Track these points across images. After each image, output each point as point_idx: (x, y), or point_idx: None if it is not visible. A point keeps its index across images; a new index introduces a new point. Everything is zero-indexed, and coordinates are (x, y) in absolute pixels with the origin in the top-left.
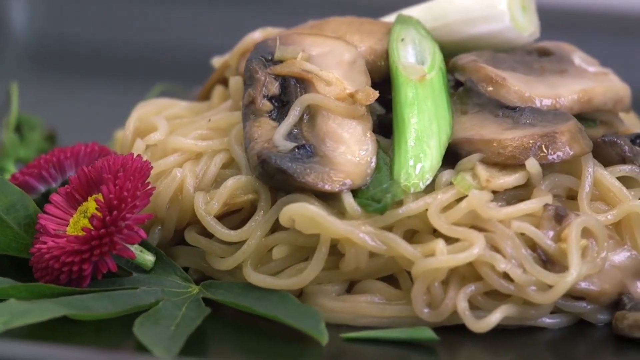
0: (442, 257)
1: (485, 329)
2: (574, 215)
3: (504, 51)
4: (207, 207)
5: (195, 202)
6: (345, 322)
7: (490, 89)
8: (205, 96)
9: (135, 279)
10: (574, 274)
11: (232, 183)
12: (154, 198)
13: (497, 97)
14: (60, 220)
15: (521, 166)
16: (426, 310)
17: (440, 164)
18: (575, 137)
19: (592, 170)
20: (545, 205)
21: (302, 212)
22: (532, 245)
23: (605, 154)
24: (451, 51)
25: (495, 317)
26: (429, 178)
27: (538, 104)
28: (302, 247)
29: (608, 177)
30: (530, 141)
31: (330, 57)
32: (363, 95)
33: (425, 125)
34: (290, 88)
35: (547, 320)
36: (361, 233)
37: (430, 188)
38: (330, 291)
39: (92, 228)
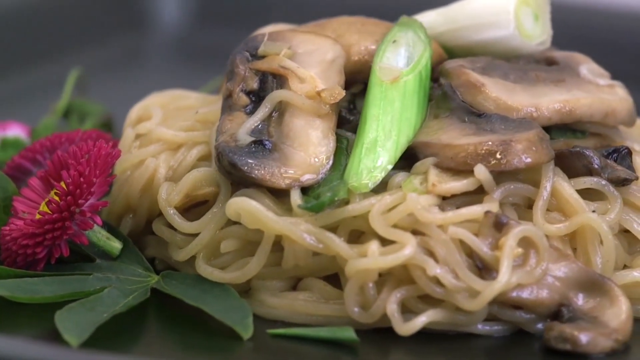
0: (371, 258)
1: (410, 332)
2: (515, 224)
3: (507, 58)
4: (168, 198)
5: (158, 192)
6: (283, 319)
7: (468, 94)
8: None
9: (97, 266)
10: (502, 281)
11: (194, 175)
12: (127, 187)
13: (473, 103)
14: (33, 203)
15: (473, 172)
16: (356, 309)
17: (391, 166)
18: (533, 146)
19: (551, 181)
20: (486, 212)
21: (243, 206)
22: (471, 252)
23: (572, 165)
24: (460, 55)
25: (420, 321)
26: (378, 179)
27: (514, 113)
28: (253, 242)
29: (567, 188)
30: (484, 148)
31: (314, 56)
32: (327, 94)
33: (385, 127)
34: (268, 84)
35: (483, 328)
36: (299, 230)
37: (384, 189)
38: (273, 287)
39: (49, 212)
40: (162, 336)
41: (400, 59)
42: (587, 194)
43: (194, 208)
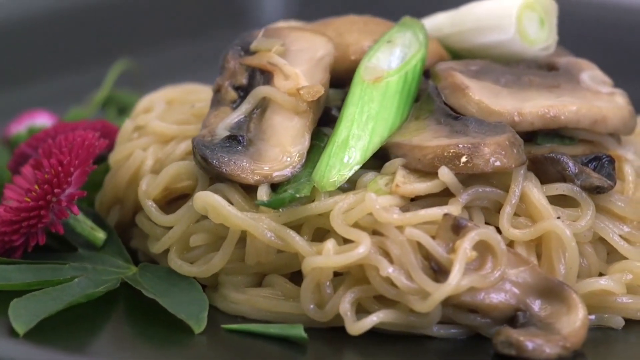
0: (326, 256)
1: (360, 331)
2: (473, 227)
3: (507, 62)
4: (147, 190)
5: (139, 184)
6: (244, 314)
7: (453, 96)
8: None
9: (79, 255)
10: (451, 284)
11: (174, 169)
12: (115, 178)
13: (457, 106)
14: (22, 191)
15: None
16: (312, 307)
17: (359, 166)
18: (502, 150)
19: (520, 185)
20: (445, 215)
21: (207, 200)
22: (429, 254)
23: (546, 171)
24: (465, 58)
25: (370, 320)
26: (344, 178)
27: (496, 117)
28: (222, 237)
29: (536, 193)
30: (451, 150)
31: (305, 53)
32: (306, 91)
33: (359, 126)
34: (256, 80)
35: (438, 330)
36: (260, 226)
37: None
38: (238, 282)
39: (28, 200)
40: (120, 327)
41: (393, 59)
42: (564, 201)
43: (177, 201)
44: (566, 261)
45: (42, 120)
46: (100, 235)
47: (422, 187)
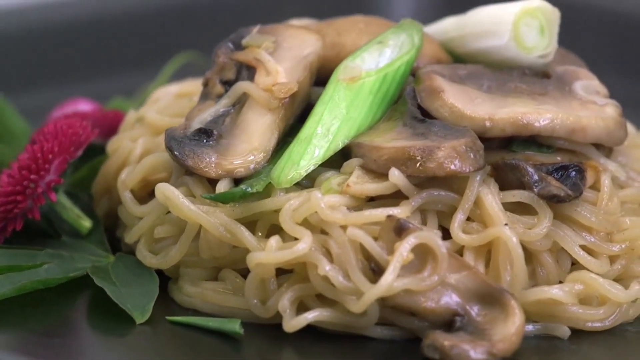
0: (268, 252)
1: (294, 328)
2: (415, 230)
3: (503, 67)
4: (125, 180)
5: (120, 174)
6: (195, 307)
7: (428, 99)
8: None
9: (62, 242)
10: (382, 285)
11: (151, 160)
12: (106, 167)
13: (431, 109)
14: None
15: None
16: (256, 302)
17: (316, 165)
18: (457, 155)
19: (475, 190)
20: (388, 216)
21: (164, 191)
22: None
23: (507, 178)
24: (466, 61)
25: (304, 318)
26: (300, 176)
27: (467, 121)
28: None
29: (490, 199)
30: (406, 152)
31: (292, 50)
32: (278, 88)
33: (325, 125)
34: (242, 75)
35: (380, 332)
36: (212, 220)
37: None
38: (194, 275)
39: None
40: (74, 314)
41: (382, 60)
42: (526, 209)
43: None
44: (512, 268)
45: (85, 107)
46: (85, 223)
47: (373, 187)
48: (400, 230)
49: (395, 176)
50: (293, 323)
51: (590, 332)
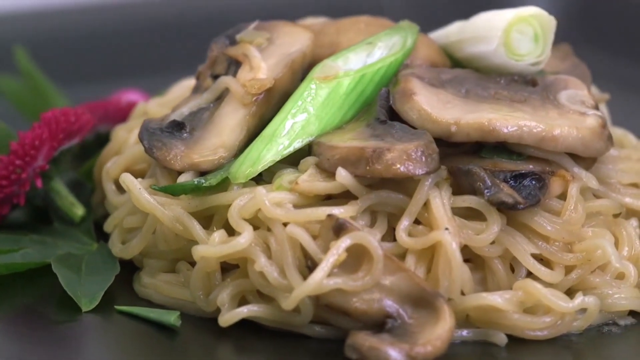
0: (210, 245)
1: (227, 322)
2: (352, 230)
3: (495, 73)
4: (109, 170)
5: (106, 164)
6: (149, 298)
7: (400, 101)
8: None
9: (52, 229)
10: (310, 283)
11: (133, 151)
12: (102, 157)
13: (401, 111)
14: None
15: None
16: (200, 295)
17: (274, 162)
18: (407, 157)
19: (424, 194)
20: (328, 215)
21: (124, 181)
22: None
23: (461, 183)
24: (464, 66)
25: (236, 312)
26: (256, 172)
27: (433, 125)
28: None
29: (437, 203)
30: (356, 153)
31: (282, 47)
32: (251, 84)
33: (291, 122)
34: (231, 69)
35: (314, 330)
36: (166, 211)
37: None
38: (154, 267)
39: None
40: (27, 301)
41: (369, 60)
42: (482, 215)
43: None
44: (450, 273)
45: (134, 97)
46: (78, 211)
47: (322, 186)
48: (338, 229)
49: (342, 176)
50: (226, 317)
51: (534, 341)
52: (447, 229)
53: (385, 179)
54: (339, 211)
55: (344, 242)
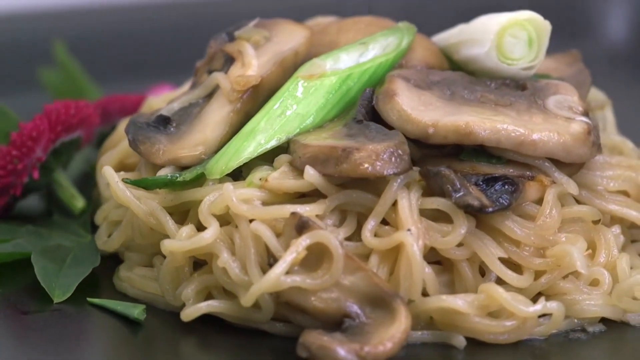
0: (177, 239)
1: (188, 317)
2: (314, 228)
3: (487, 77)
4: (104, 161)
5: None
6: (124, 291)
7: (382, 101)
8: None
9: (52, 220)
10: (267, 280)
11: (126, 144)
12: (102, 148)
13: (383, 111)
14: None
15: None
16: (168, 289)
17: (250, 159)
18: (375, 158)
19: (392, 194)
20: (292, 213)
21: (104, 173)
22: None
23: (430, 184)
24: (462, 69)
25: (196, 308)
26: (230, 168)
27: (412, 126)
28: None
29: (403, 204)
30: (326, 152)
31: (278, 45)
32: (236, 81)
33: (270, 119)
34: (227, 66)
35: (275, 327)
36: (141, 205)
37: None
38: (134, 260)
39: None
40: (5, 291)
41: (362, 60)
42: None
43: None
44: (410, 274)
45: (164, 92)
46: (78, 204)
47: (290, 184)
48: (301, 227)
49: (310, 174)
50: (187, 312)
51: (495, 345)
52: (409, 230)
53: (357, 179)
54: (306, 209)
55: (304, 240)
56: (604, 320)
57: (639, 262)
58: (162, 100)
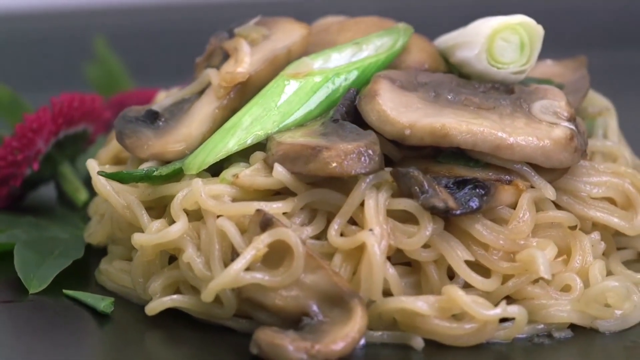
0: (146, 233)
1: (152, 311)
2: (277, 225)
3: (477, 80)
4: (99, 156)
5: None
6: (102, 284)
7: (364, 102)
8: None
9: (56, 213)
10: (226, 276)
11: None
12: (105, 142)
13: (364, 111)
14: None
15: None
16: (140, 282)
17: (227, 155)
18: (343, 157)
19: (360, 194)
20: (257, 210)
21: (87, 165)
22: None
23: (400, 185)
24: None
25: (160, 302)
26: (206, 164)
27: (389, 126)
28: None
29: (370, 204)
30: (297, 151)
31: (274, 43)
32: (223, 77)
33: (252, 116)
34: (223, 62)
35: (238, 323)
36: (119, 198)
37: None
38: (116, 253)
39: None
40: None
41: (354, 60)
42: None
43: None
44: (371, 274)
45: None
46: (81, 196)
47: (261, 181)
48: (265, 225)
49: (278, 172)
50: (151, 306)
51: (456, 347)
52: (371, 230)
53: (329, 179)
54: (273, 207)
55: (266, 237)
56: (572, 327)
57: (620, 269)
58: (171, 94)
